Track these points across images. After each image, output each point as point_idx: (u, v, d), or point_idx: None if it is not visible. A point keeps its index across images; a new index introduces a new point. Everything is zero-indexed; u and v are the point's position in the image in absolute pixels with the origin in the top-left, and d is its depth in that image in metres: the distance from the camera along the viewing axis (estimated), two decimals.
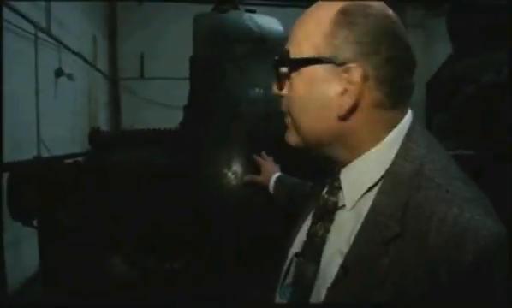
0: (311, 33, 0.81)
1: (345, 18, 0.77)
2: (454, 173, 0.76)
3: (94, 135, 3.44)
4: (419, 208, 0.71)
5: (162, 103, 8.66)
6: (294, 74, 0.83)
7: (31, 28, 4.36)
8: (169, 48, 8.59)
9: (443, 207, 0.69)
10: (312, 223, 0.89)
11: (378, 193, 0.77)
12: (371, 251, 0.73)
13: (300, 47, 0.82)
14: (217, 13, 2.82)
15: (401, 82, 0.80)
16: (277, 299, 0.93)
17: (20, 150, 3.95)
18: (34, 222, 2.83)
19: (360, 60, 0.76)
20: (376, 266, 0.72)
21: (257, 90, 2.23)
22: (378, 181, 0.79)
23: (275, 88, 0.88)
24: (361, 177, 0.81)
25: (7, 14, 3.72)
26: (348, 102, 0.77)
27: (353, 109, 0.78)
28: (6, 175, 2.67)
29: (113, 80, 8.95)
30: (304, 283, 0.85)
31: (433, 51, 8.68)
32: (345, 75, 0.77)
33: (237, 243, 2.09)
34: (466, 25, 5.67)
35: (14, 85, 3.96)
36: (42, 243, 2.79)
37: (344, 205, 0.83)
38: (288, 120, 0.88)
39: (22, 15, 4.07)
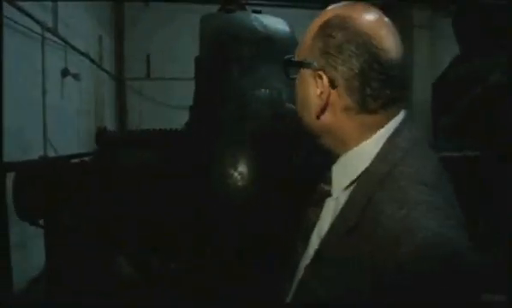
0: (304, 41, 0.95)
1: (324, 30, 0.89)
2: (422, 177, 0.81)
3: (101, 135, 3.45)
4: (376, 205, 0.79)
5: (168, 104, 8.67)
6: (297, 75, 0.97)
7: (38, 28, 4.38)
8: (175, 48, 8.60)
9: (394, 206, 0.76)
10: (310, 210, 1.01)
11: (353, 190, 0.87)
12: (335, 240, 0.85)
13: (298, 50, 0.96)
14: (224, 13, 2.82)
15: (372, 92, 0.86)
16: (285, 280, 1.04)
17: (27, 150, 3.97)
18: (41, 222, 2.84)
19: (330, 69, 0.87)
20: (338, 251, 0.82)
21: (263, 90, 2.23)
22: (357, 178, 0.88)
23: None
24: (345, 172, 0.91)
25: (14, 14, 3.74)
26: (320, 103, 0.90)
27: (324, 110, 0.90)
28: (12, 175, 2.69)
29: (119, 80, 8.97)
30: (295, 262, 0.99)
31: (440, 52, 8.64)
32: (319, 81, 0.89)
33: (243, 243, 2.09)
34: (472, 26, 5.65)
35: (21, 85, 3.98)
36: (48, 242, 2.80)
37: (331, 194, 0.95)
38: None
39: (29, 15, 4.08)
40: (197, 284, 2.41)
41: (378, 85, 0.86)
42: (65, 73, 5.22)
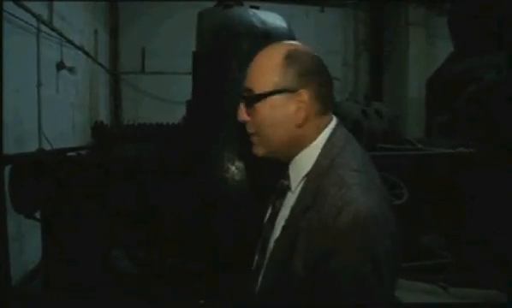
0: (269, 72, 1.16)
1: (291, 60, 1.15)
2: (353, 166, 1.10)
3: (97, 129, 3.45)
4: (323, 189, 1.07)
5: (163, 98, 8.66)
6: (259, 104, 1.17)
7: (33, 21, 4.35)
8: (170, 43, 8.58)
9: (335, 188, 1.05)
10: (273, 201, 1.28)
11: (307, 181, 1.14)
12: (296, 217, 1.11)
13: (262, 84, 1.17)
14: (222, 8, 2.82)
15: (328, 96, 1.19)
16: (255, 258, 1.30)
17: (23, 143, 3.96)
18: (36, 215, 2.84)
19: (305, 86, 1.15)
20: (297, 226, 1.09)
21: None
22: (308, 172, 1.15)
23: (242, 116, 1.23)
24: (298, 170, 1.18)
25: (10, 6, 3.72)
26: (302, 115, 1.15)
27: (306, 119, 1.15)
28: (9, 168, 2.68)
29: (114, 74, 8.94)
30: (265, 241, 1.25)
31: (435, 50, 8.68)
32: (297, 98, 1.15)
33: (240, 238, 2.10)
34: (467, 24, 5.67)
35: (17, 79, 3.96)
36: (45, 235, 2.80)
37: (290, 187, 1.20)
38: (254, 138, 1.23)
39: (25, 8, 4.06)
40: (194, 278, 2.43)
41: (331, 90, 1.21)
42: (60, 66, 5.19)
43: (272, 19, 2.71)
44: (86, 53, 6.60)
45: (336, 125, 1.21)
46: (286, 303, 1.10)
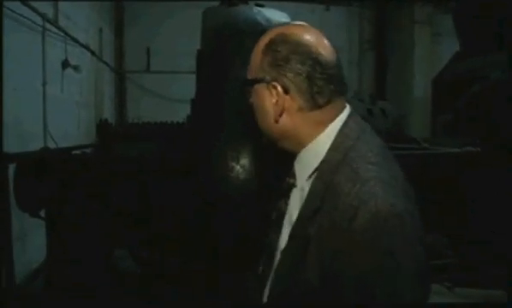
0: (253, 59, 1.10)
1: (269, 47, 1.05)
2: (369, 159, 0.97)
3: (102, 127, 3.45)
4: (335, 187, 0.94)
5: (168, 97, 8.67)
6: (252, 91, 1.11)
7: (39, 20, 4.37)
8: (174, 41, 8.59)
9: (349, 185, 0.91)
10: (278, 201, 1.16)
11: (315, 179, 1.02)
12: (305, 222, 0.98)
13: (249, 69, 1.11)
14: (226, 7, 2.81)
15: (319, 89, 1.02)
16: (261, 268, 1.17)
17: (27, 141, 3.97)
18: (41, 214, 2.84)
19: (281, 78, 1.02)
20: (305, 234, 0.96)
21: None
22: (316, 168, 1.02)
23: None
24: (305, 166, 1.06)
25: (16, 5, 3.73)
26: (278, 109, 1.04)
27: (281, 115, 1.05)
28: (13, 166, 2.68)
29: (119, 73, 8.95)
30: (270, 247, 1.14)
31: (440, 49, 8.65)
32: (274, 91, 1.04)
33: (242, 238, 2.10)
34: (472, 23, 5.64)
35: (22, 77, 3.97)
36: (49, 234, 2.80)
37: (296, 185, 1.10)
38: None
39: (30, 7, 4.07)
40: (196, 278, 2.42)
41: (323, 83, 1.02)
42: (65, 64, 5.20)
43: (277, 17, 2.70)
44: (91, 52, 6.61)
45: (349, 116, 1.07)
46: None
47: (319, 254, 0.92)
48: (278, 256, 1.08)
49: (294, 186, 1.10)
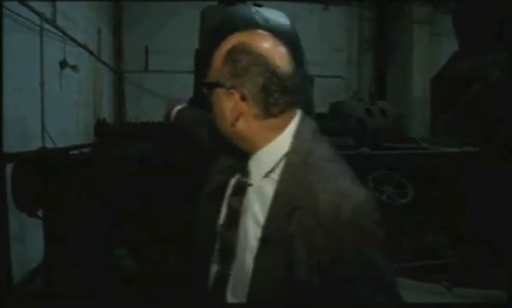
0: (215, 63, 1.15)
1: (231, 56, 1.11)
2: (329, 157, 1.10)
3: (100, 127, 3.44)
4: (309, 186, 1.03)
5: (167, 96, 8.66)
6: (212, 92, 1.16)
7: (36, 19, 4.35)
8: (172, 41, 8.58)
9: (323, 183, 1.02)
10: (229, 199, 1.20)
11: (280, 181, 1.08)
12: (280, 224, 1.03)
13: (210, 72, 1.17)
14: (224, 6, 2.81)
15: (275, 101, 1.09)
16: (211, 264, 1.21)
17: (26, 141, 3.96)
18: (39, 213, 2.84)
19: (239, 87, 1.09)
20: (285, 232, 1.01)
21: None
22: (273, 168, 1.11)
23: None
24: (261, 165, 1.13)
25: (14, 5, 3.72)
26: (234, 114, 1.11)
27: (238, 119, 1.11)
28: (11, 166, 2.67)
29: (118, 73, 8.94)
30: (228, 248, 1.16)
31: (439, 48, 8.64)
32: (231, 97, 1.10)
33: None
34: (472, 22, 5.64)
35: (20, 77, 3.96)
36: (47, 234, 2.80)
37: (251, 184, 1.15)
38: None
39: (28, 6, 4.06)
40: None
41: (278, 95, 1.09)
42: (63, 64, 5.19)
43: (275, 16, 2.70)
44: (90, 51, 6.60)
45: (302, 120, 1.16)
46: None
47: (308, 251, 0.99)
48: (242, 254, 1.12)
49: (249, 185, 1.16)
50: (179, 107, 1.99)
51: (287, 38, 2.57)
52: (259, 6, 2.86)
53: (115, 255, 3.24)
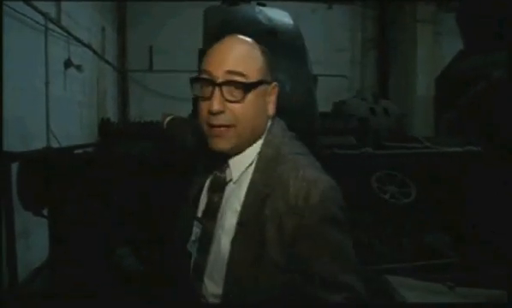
0: (254, 62, 1.18)
1: (265, 53, 1.21)
2: (297, 150, 1.21)
3: (104, 126, 3.46)
4: (281, 175, 1.13)
5: (170, 96, 8.67)
6: (249, 92, 1.16)
7: (41, 19, 4.37)
8: (176, 40, 8.59)
9: (294, 172, 1.12)
10: (209, 194, 1.27)
11: (254, 172, 1.18)
12: (255, 209, 1.12)
13: (253, 72, 1.16)
14: (228, 6, 2.81)
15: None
16: (190, 253, 1.28)
17: (30, 141, 3.98)
18: (44, 212, 2.85)
19: (274, 79, 1.22)
20: (258, 218, 1.11)
21: None
22: (251, 162, 1.20)
23: (218, 106, 1.14)
24: (242, 159, 1.21)
25: (18, 5, 3.74)
26: (273, 107, 1.23)
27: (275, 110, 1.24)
28: (16, 165, 2.69)
29: (121, 72, 8.96)
30: (206, 237, 1.23)
31: (443, 47, 8.62)
32: (272, 90, 1.22)
33: None
34: (475, 21, 5.62)
35: (24, 77, 3.98)
36: (52, 232, 2.81)
37: (231, 180, 1.23)
38: (228, 130, 1.16)
39: (33, 6, 4.08)
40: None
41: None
42: (68, 64, 5.21)
43: (278, 16, 2.70)
44: (94, 51, 6.62)
45: (273, 120, 1.26)
46: (267, 294, 1.12)
47: (280, 232, 1.08)
48: (218, 241, 1.19)
49: (230, 181, 1.23)
50: (171, 117, 2.14)
51: (290, 37, 2.58)
52: (263, 5, 2.87)
53: (117, 254, 3.26)
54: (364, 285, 1.09)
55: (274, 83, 1.22)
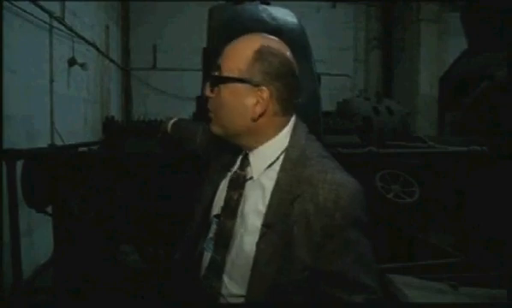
0: (237, 60, 1.20)
1: (260, 55, 1.18)
2: (322, 153, 1.23)
3: (108, 124, 3.46)
4: (310, 177, 1.15)
5: (174, 94, 8.69)
6: (222, 86, 1.21)
7: (45, 17, 4.39)
8: (181, 39, 8.60)
9: (322, 174, 1.14)
10: (228, 192, 1.28)
11: (280, 171, 1.19)
12: (282, 210, 1.14)
13: (229, 68, 1.20)
14: (232, 4, 2.82)
15: (292, 99, 1.23)
16: (203, 251, 1.29)
17: (34, 138, 3.99)
18: (48, 210, 2.86)
19: (267, 84, 1.18)
20: (287, 218, 1.13)
21: None
22: (273, 162, 1.22)
23: (206, 92, 1.27)
24: (264, 158, 1.23)
25: (23, 3, 3.75)
26: (259, 110, 1.19)
27: (261, 115, 1.20)
28: (21, 163, 2.70)
29: (126, 71, 8.97)
30: (224, 235, 1.24)
31: (446, 46, 8.60)
32: (258, 93, 1.18)
33: None
34: (480, 20, 5.61)
35: (29, 75, 4.00)
36: (56, 230, 2.82)
37: (252, 177, 1.25)
38: (212, 115, 1.27)
39: (37, 4, 4.10)
40: None
41: (295, 96, 1.24)
42: (72, 62, 5.23)
43: (283, 14, 2.70)
44: (98, 49, 6.64)
45: (296, 123, 1.27)
46: (292, 294, 1.14)
47: (308, 233, 1.11)
48: (240, 240, 1.20)
49: (250, 178, 1.25)
50: (174, 119, 2.14)
51: (294, 36, 2.58)
52: (267, 4, 2.86)
53: (121, 251, 3.26)
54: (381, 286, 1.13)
55: (264, 87, 1.19)
